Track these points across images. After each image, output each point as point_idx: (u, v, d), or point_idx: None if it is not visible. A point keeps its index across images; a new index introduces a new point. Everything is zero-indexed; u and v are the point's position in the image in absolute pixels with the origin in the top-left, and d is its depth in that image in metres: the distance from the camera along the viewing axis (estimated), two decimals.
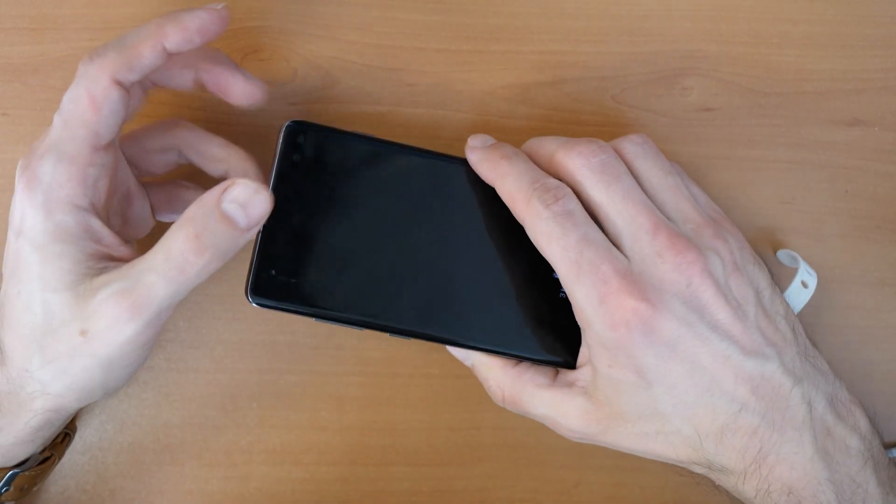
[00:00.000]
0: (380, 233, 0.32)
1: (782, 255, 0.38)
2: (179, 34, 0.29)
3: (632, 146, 0.33)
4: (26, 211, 0.29)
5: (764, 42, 0.40)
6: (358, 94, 0.38)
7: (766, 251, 0.39)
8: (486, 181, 0.32)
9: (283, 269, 0.31)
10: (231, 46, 0.38)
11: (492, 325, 0.33)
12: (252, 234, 0.29)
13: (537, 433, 0.38)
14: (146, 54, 0.29)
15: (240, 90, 0.32)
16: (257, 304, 0.31)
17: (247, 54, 0.38)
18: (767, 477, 0.30)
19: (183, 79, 0.32)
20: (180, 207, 0.35)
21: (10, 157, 0.37)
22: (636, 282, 0.29)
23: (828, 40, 0.40)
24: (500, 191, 0.32)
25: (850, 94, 0.40)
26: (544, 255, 0.31)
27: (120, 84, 0.29)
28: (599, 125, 0.39)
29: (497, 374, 0.34)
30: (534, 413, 0.33)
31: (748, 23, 0.40)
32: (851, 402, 0.33)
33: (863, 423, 0.32)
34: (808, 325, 0.39)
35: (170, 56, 0.29)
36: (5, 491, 0.32)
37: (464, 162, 0.33)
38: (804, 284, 0.35)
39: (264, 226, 0.31)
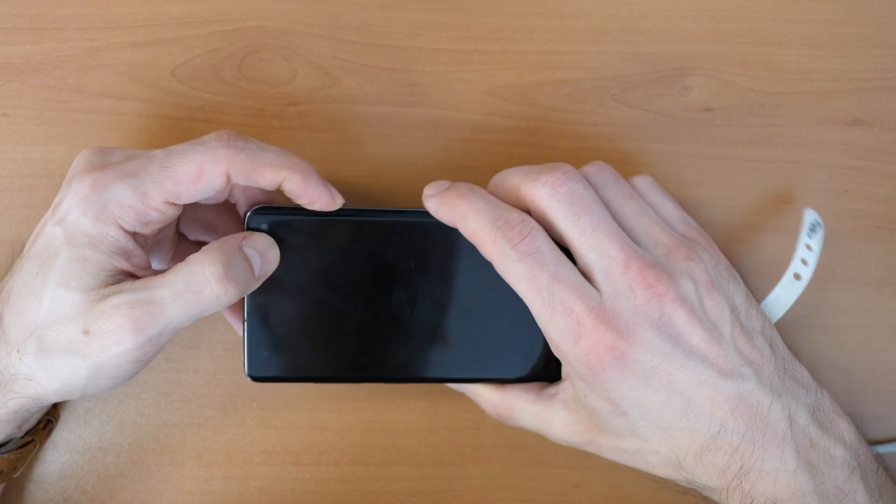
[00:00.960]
0: (359, 295, 0.33)
1: (809, 214, 0.35)
2: (297, 188, 0.31)
3: (592, 177, 0.32)
4: (75, 209, 0.29)
5: (764, 42, 0.40)
6: (358, 94, 0.38)
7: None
8: (449, 223, 0.32)
9: (274, 348, 0.33)
10: (231, 46, 0.38)
11: (473, 357, 0.34)
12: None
13: (537, 434, 0.38)
14: (266, 177, 0.30)
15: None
16: (258, 382, 0.33)
17: (247, 54, 0.38)
18: (750, 492, 0.30)
19: (270, 182, 0.31)
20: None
21: (10, 157, 0.37)
22: (609, 319, 0.29)
23: (828, 40, 0.40)
24: (464, 231, 0.31)
25: (850, 94, 0.40)
26: (515, 290, 0.30)
27: (229, 178, 0.30)
28: (599, 125, 0.39)
29: (485, 396, 0.35)
30: (525, 426, 0.34)
31: (748, 23, 0.40)
32: (835, 412, 0.33)
33: (847, 432, 0.32)
34: (808, 325, 0.39)
35: (279, 190, 0.31)
36: None
37: (425, 213, 0.33)
38: (796, 276, 0.34)
39: (248, 310, 0.33)
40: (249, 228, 0.32)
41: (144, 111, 0.37)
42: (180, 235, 0.36)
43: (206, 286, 0.29)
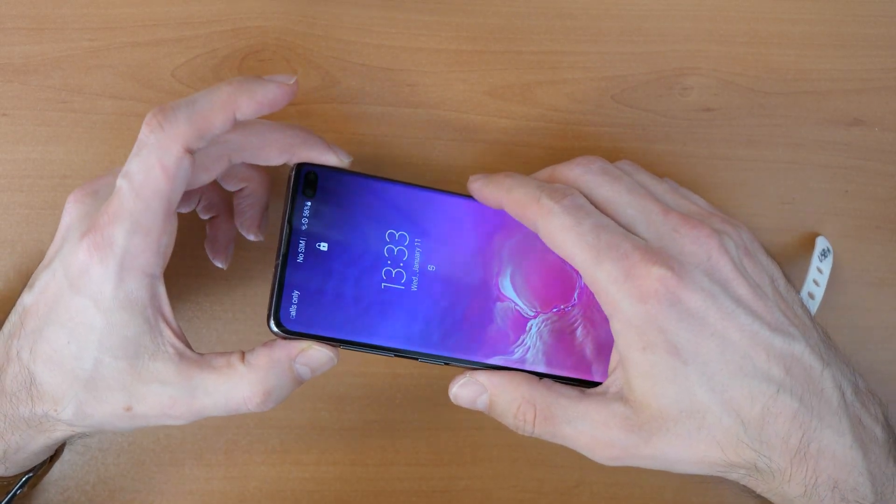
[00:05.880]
0: (397, 265, 0.32)
1: (820, 241, 0.38)
2: (251, 106, 0.29)
3: (622, 166, 0.34)
4: (93, 273, 0.28)
5: (764, 42, 0.40)
6: (358, 94, 0.38)
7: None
8: (493, 204, 0.32)
9: (303, 301, 0.31)
10: (231, 46, 0.38)
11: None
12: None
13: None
14: (217, 125, 0.29)
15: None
16: (278, 333, 0.31)
17: (247, 54, 0.38)
18: (815, 469, 0.29)
19: (278, 160, 0.32)
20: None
21: (10, 157, 0.37)
22: (657, 255, 0.29)
23: (828, 40, 0.40)
24: (509, 204, 0.31)
25: (850, 94, 0.40)
26: (559, 250, 0.30)
27: (190, 151, 0.29)
28: (599, 125, 0.39)
29: (525, 390, 0.31)
30: (567, 432, 0.31)
31: (748, 23, 0.40)
32: (871, 392, 0.32)
33: (881, 414, 0.32)
34: None
35: (238, 124, 0.30)
36: (20, 492, 0.33)
37: (466, 197, 0.33)
38: (811, 296, 0.36)
39: (285, 257, 0.31)
40: (297, 178, 0.31)
41: (144, 111, 0.37)
42: None
43: (243, 406, 0.30)
